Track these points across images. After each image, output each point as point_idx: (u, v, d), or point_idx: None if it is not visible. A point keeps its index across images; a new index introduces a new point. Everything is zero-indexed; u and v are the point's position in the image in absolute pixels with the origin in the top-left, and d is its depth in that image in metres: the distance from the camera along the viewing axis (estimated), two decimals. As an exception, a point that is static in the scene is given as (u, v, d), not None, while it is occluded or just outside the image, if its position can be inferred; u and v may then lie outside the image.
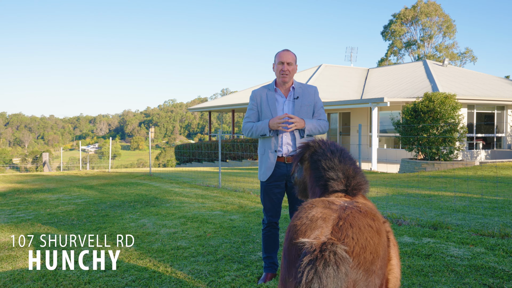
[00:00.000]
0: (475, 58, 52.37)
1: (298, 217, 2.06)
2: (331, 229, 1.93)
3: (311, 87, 3.98)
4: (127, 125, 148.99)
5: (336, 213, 2.01)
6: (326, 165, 2.69)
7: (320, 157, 2.76)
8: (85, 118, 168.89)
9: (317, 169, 2.73)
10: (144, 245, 5.18)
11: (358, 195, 2.51)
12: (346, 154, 2.82)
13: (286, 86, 3.89)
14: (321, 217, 1.99)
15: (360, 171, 2.70)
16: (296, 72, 4.23)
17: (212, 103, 30.38)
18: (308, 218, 2.00)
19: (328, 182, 2.58)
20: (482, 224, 5.63)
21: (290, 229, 2.05)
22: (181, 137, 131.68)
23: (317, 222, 1.96)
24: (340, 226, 1.93)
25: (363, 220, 1.97)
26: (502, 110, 20.15)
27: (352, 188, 2.51)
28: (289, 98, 3.88)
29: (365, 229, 1.93)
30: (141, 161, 79.47)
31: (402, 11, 50.69)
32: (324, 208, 2.05)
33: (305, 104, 3.86)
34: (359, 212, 2.02)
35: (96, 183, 11.93)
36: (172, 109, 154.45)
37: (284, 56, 3.83)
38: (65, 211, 7.48)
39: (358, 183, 2.55)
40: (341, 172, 2.62)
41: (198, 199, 8.55)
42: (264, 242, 4.00)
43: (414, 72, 22.99)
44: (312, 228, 1.94)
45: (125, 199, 8.70)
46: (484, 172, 11.88)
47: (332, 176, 2.60)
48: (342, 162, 2.69)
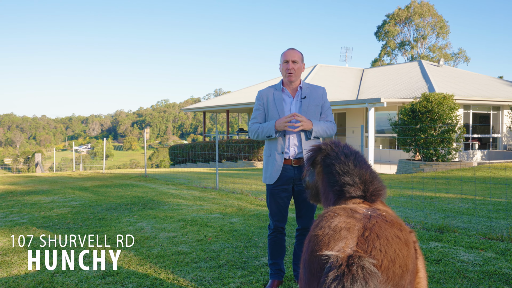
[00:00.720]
0: (468, 59, 52.64)
1: (320, 226, 1.92)
2: (356, 240, 1.80)
3: (319, 88, 3.86)
4: (120, 125, 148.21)
5: (360, 223, 1.88)
6: (340, 169, 2.56)
7: (334, 161, 2.63)
8: (77, 118, 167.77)
9: (331, 174, 2.61)
10: (144, 250, 5.03)
11: (377, 201, 2.39)
12: (361, 157, 2.69)
13: (293, 86, 3.76)
14: (344, 227, 1.86)
15: (377, 176, 2.57)
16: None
17: (206, 104, 30.20)
18: (330, 228, 1.87)
19: (344, 188, 2.45)
20: (489, 228, 5.53)
21: (310, 240, 1.92)
22: (174, 138, 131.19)
23: (341, 232, 1.83)
24: (366, 237, 1.80)
25: (390, 230, 1.84)
26: (497, 111, 20.17)
27: (370, 194, 2.38)
28: (296, 98, 3.75)
29: (393, 240, 1.80)
30: (134, 161, 79.00)
31: (396, 11, 50.78)
32: (347, 217, 1.92)
33: (313, 105, 3.73)
34: (385, 221, 1.89)
35: (91, 185, 11.73)
36: (165, 109, 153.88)
37: (289, 54, 3.70)
38: (60, 214, 7.30)
39: (377, 188, 2.43)
40: (357, 177, 2.49)
41: (196, 201, 8.40)
42: (270, 248, 3.86)
43: (409, 73, 22.97)
44: (336, 239, 1.81)
45: (121, 201, 8.52)
46: (483, 173, 11.83)
47: (348, 181, 2.47)
48: (358, 166, 2.57)
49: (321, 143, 2.87)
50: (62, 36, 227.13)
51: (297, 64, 3.70)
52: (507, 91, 21.38)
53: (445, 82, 20.27)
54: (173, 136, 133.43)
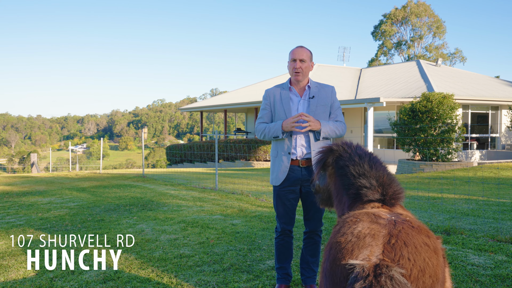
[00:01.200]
0: (464, 59, 52.73)
1: (342, 232, 1.81)
2: (382, 248, 1.68)
3: (328, 87, 3.75)
4: (116, 125, 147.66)
5: (385, 229, 1.77)
6: (355, 171, 2.45)
7: (348, 163, 2.52)
8: (73, 118, 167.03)
9: (345, 176, 2.49)
10: (145, 253, 4.90)
11: (397, 205, 2.28)
12: (376, 158, 2.59)
13: (301, 85, 3.65)
14: (369, 233, 1.74)
15: (394, 178, 2.46)
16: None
17: (204, 103, 30.05)
18: (353, 234, 1.76)
19: (361, 191, 2.34)
20: (495, 229, 5.44)
21: (332, 247, 1.80)
22: (170, 137, 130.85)
23: (365, 239, 1.72)
24: (393, 244, 1.69)
25: (417, 237, 1.73)
26: (496, 110, 20.15)
27: (390, 197, 2.27)
28: (304, 97, 3.64)
29: (421, 248, 1.69)
30: (130, 161, 78.72)
31: (393, 11, 50.78)
32: (371, 223, 1.81)
33: (321, 104, 3.62)
34: (411, 227, 1.78)
35: (88, 185, 11.58)
36: (161, 109, 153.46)
37: (297, 53, 3.59)
38: (58, 216, 7.16)
39: (396, 191, 2.32)
40: (374, 179, 2.38)
41: (196, 202, 8.28)
42: (277, 251, 3.75)
43: (407, 72, 22.92)
44: (360, 247, 1.70)
45: (120, 202, 8.39)
46: (485, 173, 11.76)
47: (364, 184, 2.36)
48: (374, 168, 2.46)
49: (332, 144, 2.76)
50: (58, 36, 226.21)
51: (305, 63, 3.59)
52: (505, 90, 21.36)
53: (444, 82, 20.23)
54: (169, 136, 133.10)
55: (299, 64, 3.56)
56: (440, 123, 12.99)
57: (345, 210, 2.46)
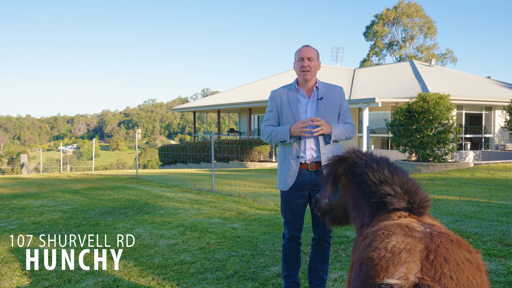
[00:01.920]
0: (455, 59, 53.02)
1: (373, 247, 1.67)
2: (420, 265, 1.54)
3: (336, 87, 3.61)
4: (106, 125, 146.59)
5: (421, 243, 1.62)
6: (376, 178, 2.31)
7: (365, 169, 2.37)
8: (62, 118, 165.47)
9: (364, 184, 2.34)
10: (144, 259, 4.74)
11: (425, 214, 2.14)
12: (394, 164, 2.45)
13: (308, 85, 3.51)
14: (404, 248, 1.60)
15: (419, 185, 2.33)
16: (285, 72, 3.85)
17: (196, 103, 29.83)
18: (387, 249, 1.62)
19: (385, 199, 2.19)
20: (502, 233, 5.35)
21: (363, 262, 1.66)
22: (161, 137, 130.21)
23: (401, 255, 1.58)
24: (432, 260, 1.54)
25: (458, 252, 1.59)
26: (489, 111, 20.19)
27: (417, 205, 2.13)
28: (312, 98, 3.50)
29: (463, 264, 1.55)
30: (121, 161, 78.11)
31: (384, 11, 50.89)
32: (405, 236, 1.67)
33: (330, 106, 3.48)
34: (450, 241, 1.64)
35: (81, 187, 11.36)
36: (152, 109, 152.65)
37: (304, 51, 3.45)
38: (51, 220, 6.95)
39: (423, 199, 2.18)
40: (398, 186, 2.24)
41: (193, 204, 8.11)
42: (284, 259, 3.60)
43: (401, 72, 22.91)
44: (396, 264, 1.56)
45: (115, 205, 8.19)
46: (481, 174, 11.72)
47: (388, 191, 2.21)
48: (395, 174, 2.32)
49: (343, 153, 2.60)
50: (48, 36, 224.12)
51: (313, 61, 3.45)
52: (498, 91, 21.42)
53: (438, 82, 20.23)
54: (160, 136, 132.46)
55: (307, 62, 3.43)
56: (436, 124, 12.94)
57: (365, 220, 2.32)
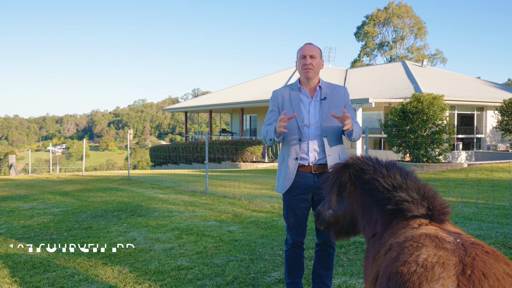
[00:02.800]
0: (445, 60, 53.37)
1: (402, 260, 1.53)
2: (456, 281, 1.41)
3: (340, 87, 3.49)
4: (96, 125, 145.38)
5: (455, 256, 1.50)
6: (388, 183, 2.18)
7: (375, 175, 2.24)
8: (51, 118, 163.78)
9: (376, 191, 2.21)
10: (139, 264, 4.57)
11: (446, 221, 2.02)
12: (404, 168, 2.33)
13: (311, 85, 3.38)
14: (437, 262, 1.47)
15: (435, 190, 2.21)
16: (277, 72, 3.72)
17: (188, 103, 29.60)
18: (418, 263, 1.48)
19: (402, 206, 2.07)
20: (504, 235, 5.27)
21: (391, 278, 1.53)
22: (151, 138, 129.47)
23: (434, 270, 1.45)
24: (469, 276, 1.41)
25: (496, 265, 1.46)
26: (481, 111, 20.26)
27: (438, 212, 2.01)
28: (315, 98, 3.37)
29: (504, 280, 1.42)
30: (111, 161, 77.49)
31: (375, 12, 51.05)
32: (436, 248, 1.54)
33: (334, 106, 3.35)
34: (485, 253, 1.52)
35: (72, 189, 11.12)
36: (142, 109, 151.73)
37: (307, 49, 3.32)
38: (42, 223, 6.74)
39: (443, 205, 2.06)
40: (414, 192, 2.12)
41: (188, 207, 7.94)
42: (287, 265, 3.47)
43: (394, 73, 22.91)
44: (430, 280, 1.42)
45: (107, 207, 8.00)
46: (477, 174, 11.70)
47: (404, 198, 2.09)
48: (407, 179, 2.20)
49: (346, 159, 2.47)
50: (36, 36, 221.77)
51: (315, 59, 3.33)
52: (489, 91, 21.52)
53: (430, 83, 20.25)
54: (150, 136, 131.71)
55: (310, 60, 3.30)
56: (430, 124, 12.90)
57: (378, 228, 2.20)
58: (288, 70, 28.09)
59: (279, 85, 23.00)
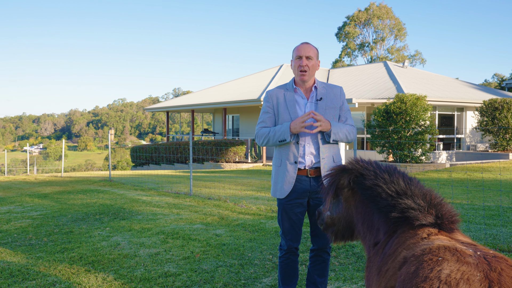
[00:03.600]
0: (424, 61, 54.09)
1: (422, 276, 1.42)
2: (482, 299, 1.31)
3: (336, 87, 3.38)
4: (74, 125, 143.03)
5: (479, 271, 1.39)
6: (392, 190, 2.08)
7: (377, 181, 2.14)
8: (28, 117, 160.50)
9: (378, 197, 2.11)
10: (124, 271, 4.39)
11: (456, 230, 1.92)
12: (406, 173, 2.24)
13: (306, 86, 3.27)
14: (461, 278, 1.37)
15: (441, 197, 2.12)
16: (260, 72, 3.62)
17: (170, 103, 29.26)
18: (441, 279, 1.38)
19: (408, 214, 1.97)
20: (492, 237, 5.26)
21: (410, 294, 1.42)
22: (131, 138, 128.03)
23: (459, 287, 1.34)
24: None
25: (524, 281, 1.37)
26: (461, 112, 20.52)
27: (447, 220, 1.91)
28: (311, 99, 3.26)
29: (534, 297, 1.33)
30: (90, 162, 76.24)
31: (356, 13, 51.43)
32: (459, 263, 1.43)
33: (330, 107, 3.25)
34: (510, 266, 1.42)
35: (50, 191, 10.79)
36: (122, 108, 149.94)
37: (303, 49, 3.21)
38: (20, 228, 6.48)
39: (451, 213, 1.97)
40: (420, 199, 2.02)
41: (172, 209, 7.76)
42: (282, 272, 3.35)
43: (376, 73, 23.04)
44: (454, 297, 1.32)
45: (88, 210, 7.76)
46: (459, 174, 11.79)
47: (410, 205, 1.98)
48: (411, 185, 2.10)
49: (346, 163, 2.38)
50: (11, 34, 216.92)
51: (311, 60, 3.21)
52: (469, 92, 21.83)
53: (412, 83, 20.42)
54: (130, 136, 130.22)
55: (306, 61, 3.18)
56: (413, 125, 12.97)
57: (381, 237, 2.10)
58: (271, 69, 28.01)
59: (262, 85, 22.89)
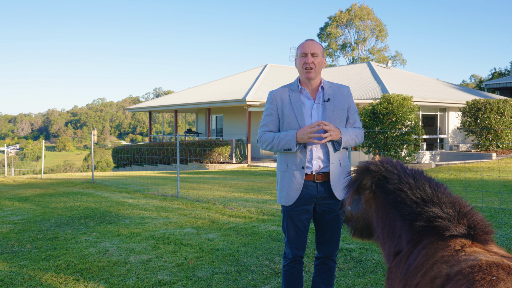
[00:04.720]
0: (404, 61, 54.73)
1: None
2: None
3: (343, 87, 3.24)
4: (52, 125, 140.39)
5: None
6: (417, 196, 1.95)
7: (401, 186, 2.01)
8: (4, 117, 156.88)
9: (402, 203, 1.98)
10: (115, 280, 4.18)
11: (490, 242, 1.80)
12: (433, 178, 2.11)
13: (313, 85, 3.12)
14: (521, 300, 1.24)
15: (470, 204, 1.99)
16: (244, 72, 3.48)
17: (152, 103, 28.86)
18: (499, 302, 1.24)
19: (436, 223, 1.83)
20: (491, 239, 5.20)
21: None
22: (111, 138, 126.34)
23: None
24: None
25: None
26: (444, 112, 20.73)
27: (482, 231, 1.79)
28: (318, 100, 3.10)
29: None
30: (68, 162, 74.84)
31: (338, 14, 51.72)
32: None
33: (338, 108, 3.10)
34: None
35: (31, 194, 10.43)
36: (102, 108, 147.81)
37: (308, 46, 3.06)
38: (1, 234, 6.18)
39: (485, 223, 1.84)
40: (449, 207, 1.89)
41: (160, 212, 7.54)
42: (286, 281, 3.19)
43: (360, 74, 23.12)
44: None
45: (73, 214, 7.48)
46: (445, 175, 11.84)
47: (438, 213, 1.85)
48: (438, 191, 1.98)
49: (370, 163, 2.25)
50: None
51: (317, 57, 3.06)
52: (451, 93, 22.07)
53: (396, 84, 20.54)
54: (110, 136, 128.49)
55: (311, 58, 3.03)
56: (400, 125, 12.99)
57: (403, 245, 1.97)
58: (255, 69, 27.89)
59: (246, 85, 22.72)
